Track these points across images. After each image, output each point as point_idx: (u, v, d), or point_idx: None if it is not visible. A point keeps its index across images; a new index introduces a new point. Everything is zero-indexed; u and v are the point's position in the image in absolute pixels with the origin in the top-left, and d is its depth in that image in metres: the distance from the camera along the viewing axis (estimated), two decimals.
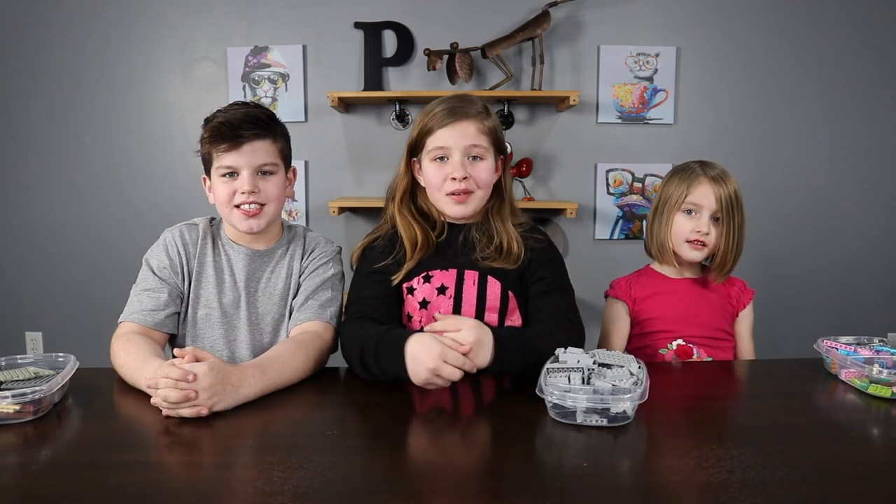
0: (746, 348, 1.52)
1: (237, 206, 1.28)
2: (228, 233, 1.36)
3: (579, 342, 1.22)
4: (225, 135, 1.24)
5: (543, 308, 1.30)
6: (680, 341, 1.43)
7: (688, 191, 1.40)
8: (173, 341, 1.33)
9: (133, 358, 1.13)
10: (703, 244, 1.41)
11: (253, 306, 1.33)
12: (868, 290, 2.91)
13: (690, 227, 1.41)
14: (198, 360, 1.02)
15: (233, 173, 1.27)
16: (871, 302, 2.91)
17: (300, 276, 1.35)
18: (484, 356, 1.09)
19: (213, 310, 1.32)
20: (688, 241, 1.41)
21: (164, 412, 0.98)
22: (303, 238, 1.40)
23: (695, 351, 1.43)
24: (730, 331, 1.49)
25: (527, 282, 1.34)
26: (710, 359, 1.44)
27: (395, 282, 1.31)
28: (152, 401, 0.99)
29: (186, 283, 1.32)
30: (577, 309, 1.32)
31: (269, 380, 1.08)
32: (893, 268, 2.90)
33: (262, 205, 1.28)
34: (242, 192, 1.26)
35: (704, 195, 1.39)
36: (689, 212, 1.41)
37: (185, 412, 0.97)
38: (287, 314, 1.34)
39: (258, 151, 1.27)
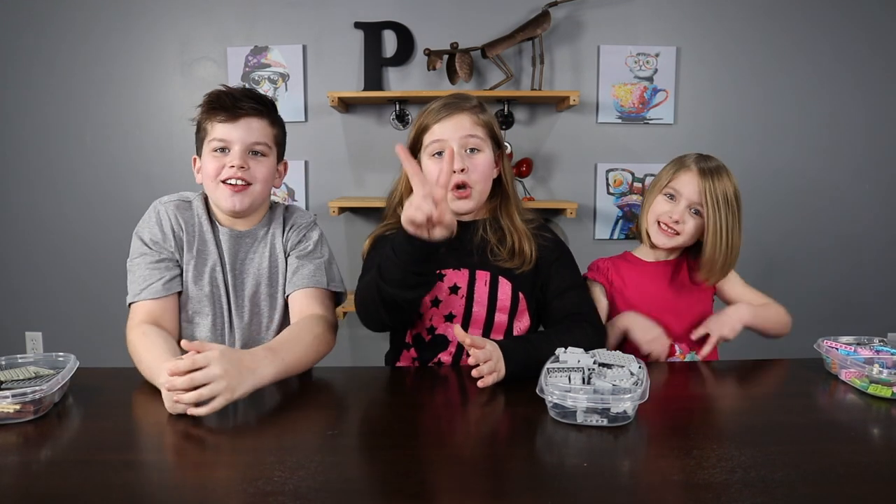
0: (749, 298, 1.48)
1: (224, 182, 1.26)
2: (215, 212, 1.34)
3: (593, 335, 1.27)
4: (225, 105, 1.24)
5: (558, 310, 1.34)
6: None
7: (673, 176, 1.41)
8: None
9: (151, 356, 1.12)
10: (675, 232, 1.41)
11: (241, 288, 1.32)
12: (868, 290, 2.91)
13: (665, 210, 1.42)
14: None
15: (224, 149, 1.26)
16: (871, 302, 2.91)
17: (286, 252, 1.35)
18: (501, 367, 1.14)
19: (208, 289, 1.30)
20: (659, 223, 1.42)
21: (189, 411, 0.95)
22: (282, 213, 1.39)
23: (677, 348, 1.45)
24: (708, 313, 1.49)
25: (539, 283, 1.35)
26: (693, 353, 1.45)
27: None
28: (167, 405, 0.97)
29: (182, 256, 1.30)
30: (591, 301, 1.38)
31: (281, 361, 1.07)
32: (894, 267, 2.90)
33: (249, 184, 1.26)
34: (231, 167, 1.25)
35: (687, 184, 1.40)
36: (670, 196, 1.42)
37: (204, 410, 0.94)
38: (279, 293, 1.33)
39: (253, 129, 1.26)
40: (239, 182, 1.26)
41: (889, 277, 2.90)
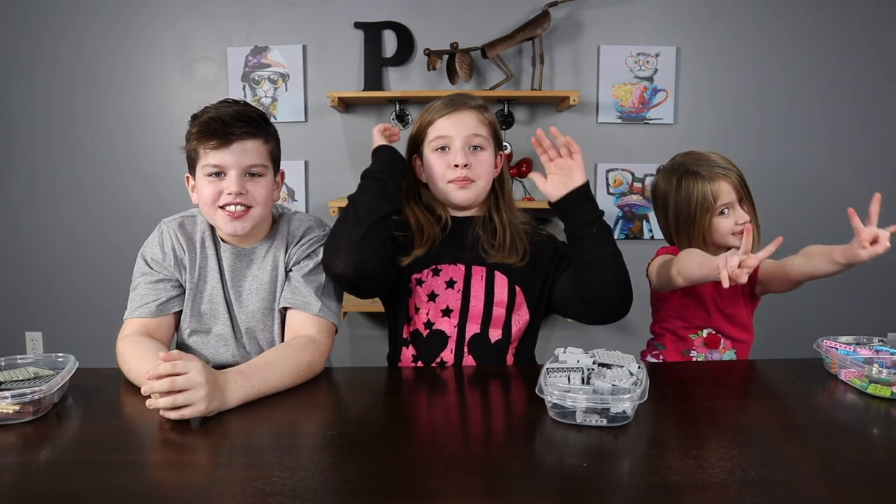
0: (792, 262, 1.46)
1: (222, 207, 1.22)
2: (217, 230, 1.32)
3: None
4: (215, 131, 1.18)
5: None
6: (710, 330, 1.45)
7: (716, 194, 1.41)
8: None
9: (139, 362, 1.12)
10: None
11: (242, 305, 1.30)
12: (868, 290, 2.90)
13: (732, 223, 1.43)
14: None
15: (219, 173, 1.21)
16: (871, 302, 2.91)
17: (287, 267, 1.30)
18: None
19: (207, 307, 1.30)
20: (734, 234, 1.42)
21: (162, 414, 0.96)
22: (287, 225, 1.33)
23: (721, 341, 1.46)
24: (747, 321, 1.48)
25: (542, 275, 1.35)
26: (733, 351, 1.46)
27: (404, 263, 1.32)
28: (147, 403, 0.97)
29: (183, 275, 1.29)
30: None
31: (251, 387, 1.04)
32: (893, 267, 2.90)
33: (249, 207, 1.22)
34: (229, 193, 1.20)
35: (727, 193, 1.42)
36: (722, 211, 1.43)
37: (174, 414, 0.95)
38: (277, 309, 1.30)
39: (248, 151, 1.21)
40: (238, 208, 1.22)
41: (888, 277, 2.90)
